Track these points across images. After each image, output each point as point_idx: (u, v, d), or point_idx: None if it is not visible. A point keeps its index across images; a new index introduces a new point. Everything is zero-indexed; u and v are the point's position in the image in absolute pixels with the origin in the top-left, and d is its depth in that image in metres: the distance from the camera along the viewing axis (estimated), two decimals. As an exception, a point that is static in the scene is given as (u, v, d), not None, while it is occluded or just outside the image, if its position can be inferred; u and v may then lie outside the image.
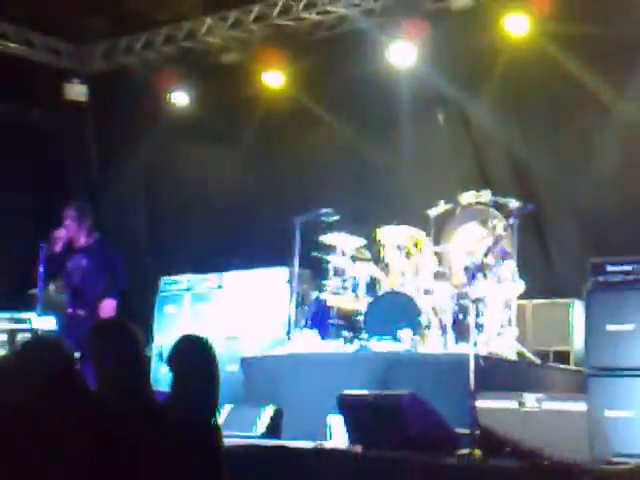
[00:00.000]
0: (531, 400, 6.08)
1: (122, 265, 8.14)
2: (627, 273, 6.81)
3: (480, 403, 6.18)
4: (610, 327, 6.74)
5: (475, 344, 7.13)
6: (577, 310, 7.89)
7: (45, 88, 11.21)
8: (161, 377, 9.14)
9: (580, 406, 5.74)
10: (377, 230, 8.27)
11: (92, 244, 8.00)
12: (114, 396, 3.20)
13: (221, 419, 7.69)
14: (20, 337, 8.09)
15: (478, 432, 5.83)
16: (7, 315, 8.60)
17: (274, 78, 10.15)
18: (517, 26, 8.68)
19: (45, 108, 11.36)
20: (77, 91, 11.12)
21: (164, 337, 9.50)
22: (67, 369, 2.90)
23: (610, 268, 6.89)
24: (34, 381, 2.63)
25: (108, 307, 7.81)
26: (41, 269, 7.96)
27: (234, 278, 9.38)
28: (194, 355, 3.78)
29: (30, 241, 8.30)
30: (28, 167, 11.04)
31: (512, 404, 6.08)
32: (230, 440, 6.87)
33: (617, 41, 8.29)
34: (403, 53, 9.28)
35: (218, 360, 3.80)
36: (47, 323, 8.33)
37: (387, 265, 8.20)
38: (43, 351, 2.88)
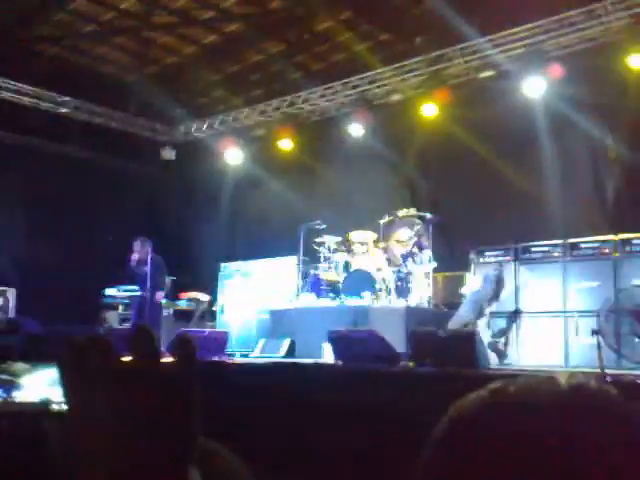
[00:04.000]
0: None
1: (165, 270, 8.67)
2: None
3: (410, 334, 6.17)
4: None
5: (407, 300, 7.16)
6: (467, 278, 7.82)
7: (149, 152, 11.20)
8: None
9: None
10: (349, 233, 8.27)
11: (150, 259, 8.32)
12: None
13: (259, 347, 7.71)
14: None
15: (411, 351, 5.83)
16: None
17: (286, 144, 10.09)
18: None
19: (148, 164, 11.28)
20: (168, 154, 11.16)
21: (223, 297, 9.60)
22: None
23: (487, 253, 6.85)
24: None
25: (160, 294, 8.49)
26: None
27: (265, 264, 9.34)
28: None
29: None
30: (143, 194, 10.82)
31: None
32: (264, 359, 6.95)
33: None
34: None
35: None
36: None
37: (354, 254, 8.21)
38: None
